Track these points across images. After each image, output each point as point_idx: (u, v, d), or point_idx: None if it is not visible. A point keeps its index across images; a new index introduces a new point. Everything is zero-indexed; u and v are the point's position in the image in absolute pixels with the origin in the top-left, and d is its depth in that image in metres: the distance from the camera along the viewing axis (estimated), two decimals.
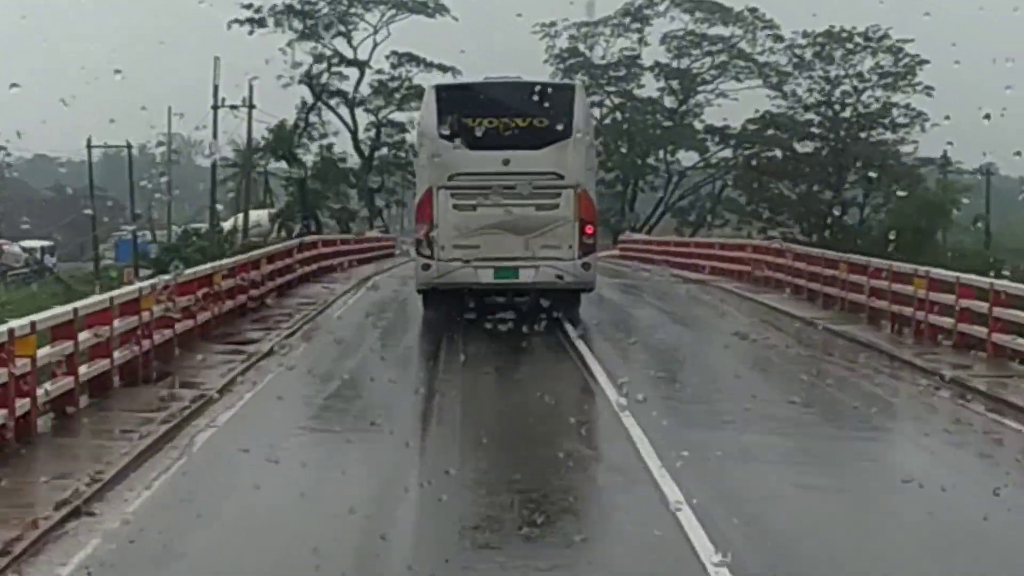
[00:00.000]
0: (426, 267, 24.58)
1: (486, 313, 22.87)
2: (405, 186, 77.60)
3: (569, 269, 24.42)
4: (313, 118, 73.76)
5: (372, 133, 77.12)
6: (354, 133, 76.41)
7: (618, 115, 77.13)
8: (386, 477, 12.96)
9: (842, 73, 70.73)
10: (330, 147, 75.73)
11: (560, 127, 24.33)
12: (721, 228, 74.07)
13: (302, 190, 71.72)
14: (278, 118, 72.36)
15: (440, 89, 25.13)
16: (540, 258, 24.33)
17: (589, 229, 24.62)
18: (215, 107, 65.97)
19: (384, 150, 78.88)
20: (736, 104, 74.13)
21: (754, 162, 69.35)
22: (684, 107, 77.11)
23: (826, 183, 69.87)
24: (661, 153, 76.62)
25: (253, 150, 70.23)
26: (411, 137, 70.77)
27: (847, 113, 70.99)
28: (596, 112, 72.76)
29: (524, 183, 24.07)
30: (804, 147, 70.79)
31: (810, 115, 71.35)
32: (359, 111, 76.51)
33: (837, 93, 70.99)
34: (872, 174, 66.54)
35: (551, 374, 19.88)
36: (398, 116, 77.15)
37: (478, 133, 24.31)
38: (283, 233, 71.45)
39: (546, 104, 24.55)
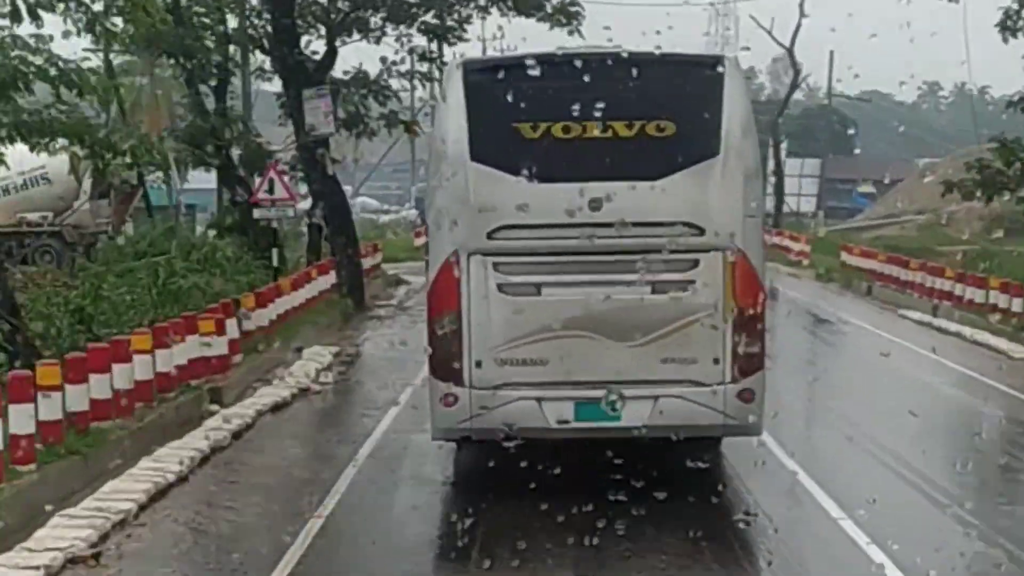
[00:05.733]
0: (449, 399, 13.22)
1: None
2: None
3: (714, 402, 13.04)
4: None
5: None
6: None
7: None
8: None
9: None
10: None
11: (698, 139, 12.95)
12: None
13: None
14: None
15: (472, 69, 13.47)
16: (660, 382, 12.96)
17: (753, 325, 13.13)
18: None
19: None
20: None
21: None
22: None
23: None
24: None
25: None
26: None
27: None
28: None
29: (631, 243, 12.80)
30: None
31: None
32: None
33: None
34: None
35: None
36: None
37: (544, 151, 12.89)
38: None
39: (671, 96, 13.09)
